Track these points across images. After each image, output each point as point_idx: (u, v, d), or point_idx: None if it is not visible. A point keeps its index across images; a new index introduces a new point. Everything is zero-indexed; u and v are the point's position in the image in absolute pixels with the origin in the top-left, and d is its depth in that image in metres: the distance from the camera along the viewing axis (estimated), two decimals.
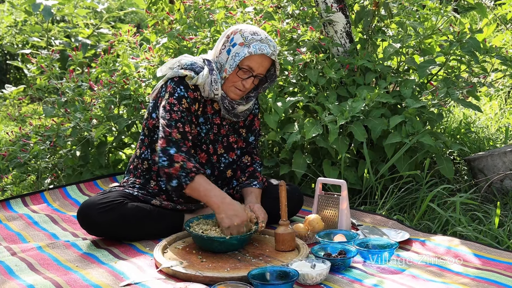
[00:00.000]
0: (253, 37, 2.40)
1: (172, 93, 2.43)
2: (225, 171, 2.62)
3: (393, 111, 3.22)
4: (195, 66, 2.47)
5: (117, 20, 8.17)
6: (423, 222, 2.75)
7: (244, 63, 2.41)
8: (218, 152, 2.60)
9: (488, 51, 3.17)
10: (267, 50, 2.39)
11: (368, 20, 3.42)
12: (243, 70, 2.42)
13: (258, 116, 2.71)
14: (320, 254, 2.17)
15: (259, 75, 2.46)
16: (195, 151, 2.53)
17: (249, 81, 2.44)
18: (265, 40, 2.41)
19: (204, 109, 2.53)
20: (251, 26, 2.48)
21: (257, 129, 2.71)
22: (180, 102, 2.42)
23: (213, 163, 2.58)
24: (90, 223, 2.41)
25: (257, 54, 2.38)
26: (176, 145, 2.36)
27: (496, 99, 4.61)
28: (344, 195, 2.56)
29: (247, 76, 2.43)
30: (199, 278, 2.02)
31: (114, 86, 3.54)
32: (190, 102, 2.45)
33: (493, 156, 3.04)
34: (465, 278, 2.05)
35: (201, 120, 2.53)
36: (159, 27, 3.82)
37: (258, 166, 2.67)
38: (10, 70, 7.58)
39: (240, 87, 2.45)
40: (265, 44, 2.40)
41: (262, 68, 2.44)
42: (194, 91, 2.46)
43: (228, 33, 2.47)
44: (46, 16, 5.51)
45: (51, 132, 3.45)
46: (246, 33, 2.42)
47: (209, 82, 2.44)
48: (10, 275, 2.10)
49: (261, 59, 2.41)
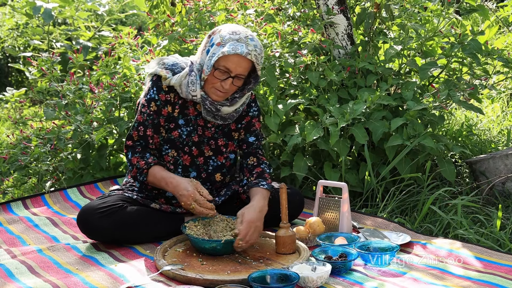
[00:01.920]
0: (230, 36, 2.32)
1: (146, 93, 2.48)
2: (213, 174, 2.58)
3: (394, 114, 3.22)
4: (176, 67, 2.47)
5: (118, 23, 8.18)
6: (424, 225, 2.74)
7: (220, 64, 2.33)
8: (206, 154, 2.56)
9: (490, 53, 3.17)
10: (242, 50, 2.29)
11: (369, 22, 3.42)
12: (220, 71, 2.34)
13: (258, 118, 2.66)
14: (321, 257, 2.17)
15: (239, 76, 2.37)
16: (178, 153, 2.52)
17: (228, 82, 2.36)
18: (243, 39, 2.32)
19: (184, 111, 2.50)
20: (234, 26, 2.40)
21: (257, 130, 2.64)
22: (149, 104, 2.46)
23: (199, 165, 2.55)
24: (90, 228, 2.40)
25: (230, 54, 2.29)
26: (132, 149, 2.48)
27: (498, 102, 4.60)
28: (345, 197, 2.55)
29: (225, 77, 2.35)
30: (199, 281, 2.01)
31: (115, 88, 3.54)
32: (160, 105, 2.46)
33: (494, 158, 3.03)
34: (467, 281, 2.04)
35: (181, 122, 2.51)
36: (160, 30, 3.82)
37: (266, 167, 2.58)
38: (12, 73, 7.59)
39: (219, 88, 2.38)
40: (242, 44, 2.31)
41: (240, 69, 2.34)
42: (167, 93, 2.46)
43: (210, 33, 2.43)
44: (47, 19, 5.52)
45: (52, 135, 3.44)
46: (225, 32, 2.35)
47: (185, 83, 2.41)
48: (10, 278, 2.10)
49: (238, 59, 2.32)
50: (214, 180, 2.59)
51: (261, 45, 2.39)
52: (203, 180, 2.56)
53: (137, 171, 2.44)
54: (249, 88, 2.48)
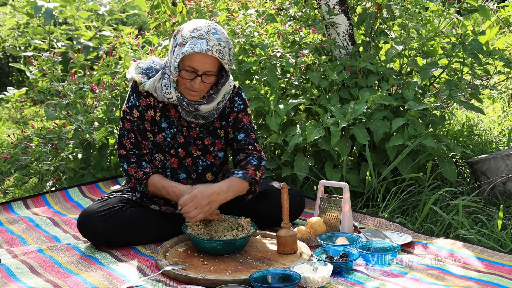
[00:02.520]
0: (191, 34, 2.26)
1: (127, 100, 2.47)
2: (203, 174, 2.56)
3: (395, 114, 3.22)
4: (150, 71, 2.44)
5: (119, 23, 8.17)
6: (425, 225, 2.74)
7: (185, 64, 2.28)
8: (194, 154, 2.53)
9: (491, 53, 3.17)
10: (202, 47, 2.22)
11: (370, 22, 3.42)
12: (187, 71, 2.29)
13: (245, 111, 2.54)
14: (322, 257, 2.16)
15: (207, 73, 2.30)
16: (165, 157, 2.50)
17: (197, 81, 2.30)
18: (204, 35, 2.24)
19: (165, 114, 2.47)
20: (195, 22, 2.32)
21: (246, 125, 2.53)
22: (132, 112, 2.44)
23: (187, 166, 2.53)
24: (90, 231, 2.40)
25: (190, 53, 2.23)
26: (126, 159, 2.45)
27: (499, 102, 4.60)
28: (346, 197, 2.55)
29: (193, 77, 2.30)
30: (200, 281, 2.01)
31: (116, 88, 3.54)
32: (142, 110, 2.45)
33: (496, 158, 3.02)
34: (468, 281, 2.04)
35: (164, 125, 2.48)
36: (161, 29, 3.82)
37: (253, 159, 2.48)
38: (13, 73, 7.59)
39: (191, 88, 2.32)
40: (202, 41, 2.23)
41: (206, 65, 2.27)
42: (146, 98, 2.44)
43: (175, 32, 2.37)
44: (48, 18, 5.52)
45: (53, 135, 3.44)
46: (186, 31, 2.29)
47: (159, 87, 2.38)
48: (11, 277, 2.10)
49: (201, 57, 2.25)
50: (206, 180, 2.56)
51: (226, 36, 2.31)
52: (193, 181, 2.53)
53: (136, 182, 2.42)
54: (222, 82, 2.39)
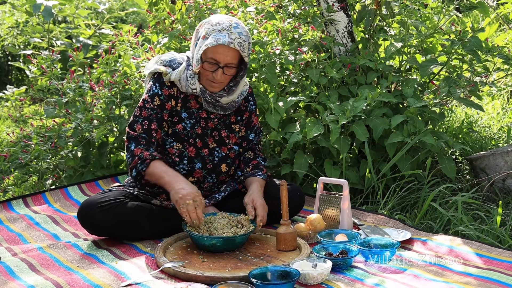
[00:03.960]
0: (214, 28, 2.38)
1: (149, 90, 2.52)
2: (219, 165, 2.59)
3: (394, 111, 3.22)
4: (174, 63, 2.53)
5: (118, 21, 8.16)
6: (425, 222, 2.74)
7: (207, 56, 2.39)
8: (210, 146, 2.59)
9: (490, 50, 3.17)
10: (224, 40, 2.34)
11: (369, 19, 3.41)
12: (209, 63, 2.40)
13: (255, 112, 2.71)
14: (322, 253, 2.17)
15: (228, 65, 2.41)
16: (183, 146, 2.54)
17: (218, 73, 2.41)
18: (226, 29, 2.36)
19: (186, 104, 2.55)
20: (218, 17, 2.45)
21: (256, 126, 2.71)
22: (153, 99, 2.49)
23: (204, 157, 2.57)
24: (90, 222, 2.41)
25: (213, 45, 2.35)
26: (135, 140, 2.45)
27: (499, 99, 4.60)
28: (345, 194, 2.55)
29: (215, 68, 2.41)
30: (200, 278, 2.02)
31: (115, 86, 3.54)
32: (164, 99, 2.50)
33: (495, 155, 3.03)
34: (467, 277, 2.04)
35: (184, 115, 2.55)
36: (160, 27, 3.81)
37: (262, 160, 2.68)
38: (12, 71, 7.59)
39: (212, 79, 2.45)
40: (224, 34, 2.35)
41: (228, 58, 2.39)
42: (170, 88, 2.51)
43: (198, 26, 2.49)
44: (47, 16, 5.51)
45: (52, 133, 3.45)
46: (208, 25, 2.41)
47: (184, 77, 2.48)
48: (11, 275, 2.10)
49: (223, 49, 2.37)
50: (220, 171, 2.61)
51: (246, 31, 2.43)
52: (209, 171, 2.58)
53: (138, 160, 2.40)
54: (241, 75, 2.52)
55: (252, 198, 2.44)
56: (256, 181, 2.55)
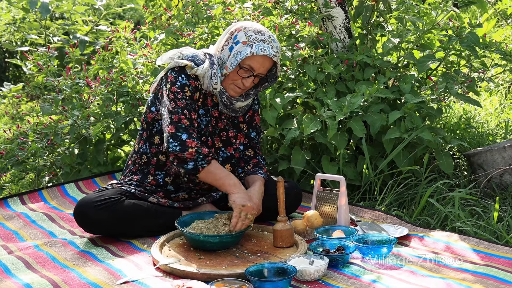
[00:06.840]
0: (257, 36, 2.38)
1: (174, 82, 2.43)
2: (223, 165, 2.59)
3: (392, 107, 3.21)
4: (196, 59, 2.47)
5: (116, 17, 8.14)
6: (422, 218, 2.74)
7: (245, 62, 2.39)
8: (216, 145, 2.58)
9: (487, 46, 3.16)
10: (270, 52, 2.37)
11: (367, 15, 3.41)
12: (244, 69, 2.41)
13: (258, 111, 2.71)
14: (319, 250, 2.16)
15: (259, 75, 2.45)
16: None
17: (249, 80, 2.43)
18: (268, 40, 2.39)
19: (204, 101, 2.53)
20: (256, 25, 2.45)
21: (257, 125, 2.71)
22: (183, 90, 2.42)
23: None
24: (86, 221, 2.40)
25: (259, 54, 2.36)
26: (187, 131, 2.36)
27: (496, 94, 4.59)
28: (342, 191, 2.55)
29: (248, 75, 2.42)
30: (196, 275, 2.01)
31: (112, 83, 3.53)
32: (192, 90, 2.45)
33: (492, 151, 3.02)
34: (464, 273, 2.04)
35: (201, 112, 2.53)
36: (157, 23, 3.80)
37: (261, 159, 2.68)
38: (9, 68, 7.56)
39: (239, 85, 2.44)
40: (268, 45, 2.38)
41: (263, 68, 2.42)
42: (196, 80, 2.46)
43: (232, 29, 2.45)
44: (44, 13, 5.48)
45: (49, 130, 3.43)
46: (250, 31, 2.40)
47: (208, 75, 2.44)
48: (6, 273, 2.10)
49: (263, 60, 2.39)
50: None
51: (279, 44, 2.48)
52: None
53: (196, 154, 2.33)
54: (265, 86, 2.56)
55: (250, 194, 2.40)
56: (258, 179, 2.53)
